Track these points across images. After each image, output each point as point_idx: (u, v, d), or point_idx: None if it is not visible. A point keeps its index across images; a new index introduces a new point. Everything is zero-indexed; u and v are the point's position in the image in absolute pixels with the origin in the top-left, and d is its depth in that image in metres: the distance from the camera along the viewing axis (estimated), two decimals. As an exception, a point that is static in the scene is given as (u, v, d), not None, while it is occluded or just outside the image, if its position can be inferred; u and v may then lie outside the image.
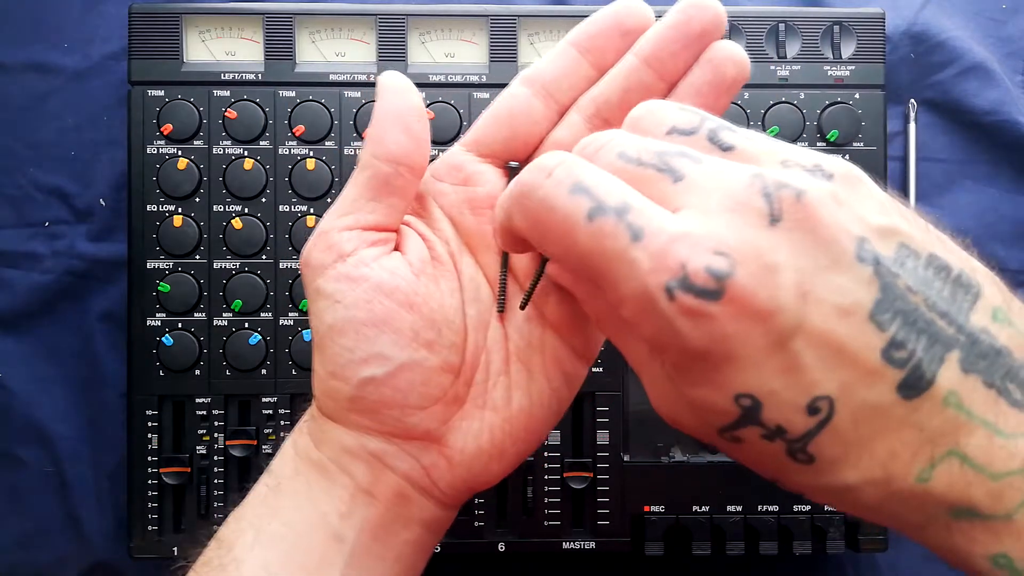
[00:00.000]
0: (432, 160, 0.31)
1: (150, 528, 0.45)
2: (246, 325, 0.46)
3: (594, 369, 0.45)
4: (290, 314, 0.46)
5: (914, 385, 0.21)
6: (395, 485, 0.29)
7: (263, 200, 0.46)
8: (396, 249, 0.29)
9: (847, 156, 0.47)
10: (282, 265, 0.46)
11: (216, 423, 0.46)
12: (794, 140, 0.47)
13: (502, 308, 0.30)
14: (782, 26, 0.47)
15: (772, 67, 0.47)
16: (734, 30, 0.47)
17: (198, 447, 0.46)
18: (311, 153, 0.46)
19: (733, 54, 0.28)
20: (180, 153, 0.46)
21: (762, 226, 0.21)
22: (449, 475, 0.29)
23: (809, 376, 0.21)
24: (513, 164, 0.30)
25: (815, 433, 0.21)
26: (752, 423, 0.21)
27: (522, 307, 0.30)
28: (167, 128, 0.46)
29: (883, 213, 0.22)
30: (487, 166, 0.30)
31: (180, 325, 0.46)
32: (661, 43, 0.28)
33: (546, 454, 0.46)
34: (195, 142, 0.46)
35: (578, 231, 0.22)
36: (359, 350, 0.27)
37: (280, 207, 0.46)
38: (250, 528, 0.28)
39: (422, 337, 0.28)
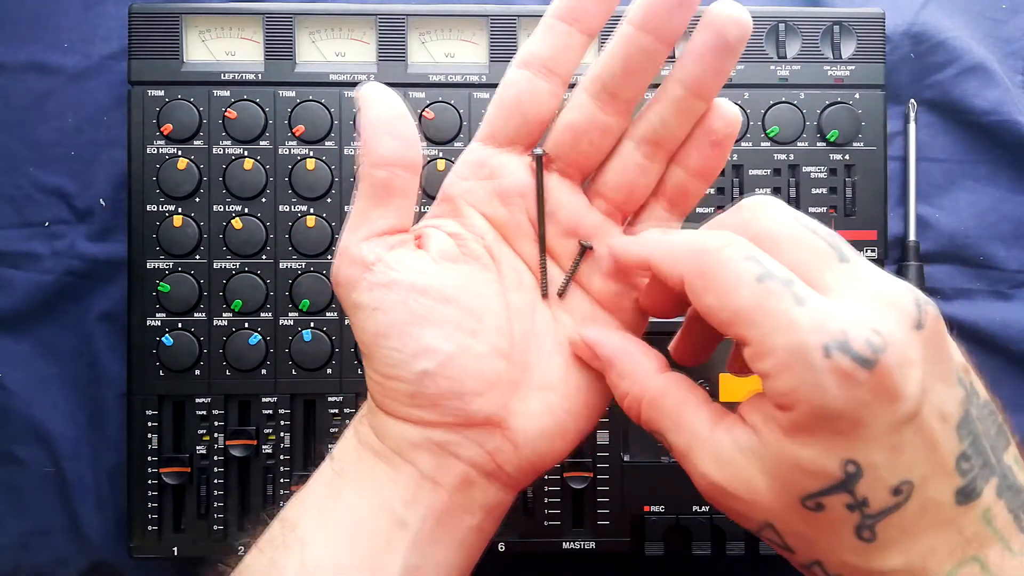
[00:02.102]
0: (432, 160, 0.31)
1: (150, 528, 0.45)
2: (246, 325, 0.46)
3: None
4: (290, 314, 0.46)
5: (968, 494, 0.24)
6: (460, 472, 0.29)
7: (263, 200, 0.46)
8: (419, 247, 0.30)
9: (847, 156, 0.47)
10: (282, 265, 0.46)
11: (216, 423, 0.46)
12: (794, 140, 0.47)
13: (546, 292, 0.31)
14: (782, 26, 0.47)
15: (772, 67, 0.47)
16: (734, 30, 0.47)
17: (198, 447, 0.46)
18: (311, 153, 0.46)
19: (733, 14, 0.29)
20: (180, 153, 0.46)
21: (909, 327, 0.24)
22: (516, 457, 0.30)
23: (906, 460, 0.24)
24: (538, 151, 0.30)
25: (889, 512, 0.24)
26: (845, 490, 0.24)
27: (560, 294, 0.31)
28: (167, 128, 0.46)
29: (961, 354, 0.26)
30: (508, 156, 0.31)
31: (180, 325, 0.46)
32: (652, 6, 0.28)
33: (546, 454, 0.46)
34: (195, 142, 0.46)
35: (743, 287, 0.24)
36: (407, 348, 0.28)
37: (280, 207, 0.46)
38: (314, 509, 0.29)
39: (464, 327, 0.29)
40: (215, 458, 0.46)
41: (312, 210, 0.46)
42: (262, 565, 0.28)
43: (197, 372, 0.46)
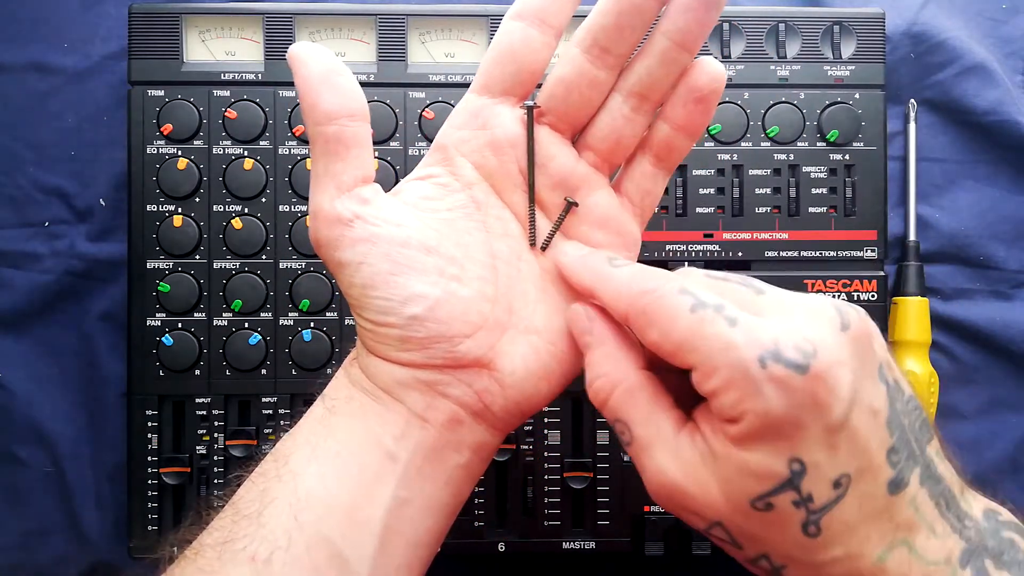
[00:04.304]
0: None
1: (150, 528, 0.45)
2: (246, 325, 0.46)
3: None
4: (290, 314, 0.46)
5: (898, 484, 0.26)
6: (449, 411, 0.30)
7: (263, 200, 0.46)
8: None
9: (847, 156, 0.47)
10: (282, 265, 0.46)
11: (216, 423, 0.46)
12: (794, 140, 0.47)
13: (534, 242, 0.32)
14: (782, 26, 0.47)
15: (772, 67, 0.47)
16: (734, 30, 0.47)
17: (198, 447, 0.46)
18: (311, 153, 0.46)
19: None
20: (180, 153, 0.46)
21: (834, 331, 0.25)
22: (502, 399, 0.31)
23: (843, 456, 0.25)
24: (529, 103, 0.31)
25: (831, 506, 0.25)
26: (791, 487, 0.25)
27: (543, 248, 0.32)
28: (167, 128, 0.46)
29: (887, 352, 0.27)
30: (501, 107, 0.31)
31: (180, 325, 0.46)
32: None
33: (546, 454, 0.46)
34: (195, 142, 0.46)
35: (680, 319, 0.26)
36: (395, 295, 0.29)
37: (280, 207, 0.46)
38: (306, 444, 0.30)
39: (448, 273, 0.30)
40: (215, 458, 0.46)
41: (312, 210, 0.46)
42: (254, 495, 0.29)
43: (197, 372, 0.46)
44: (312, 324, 0.46)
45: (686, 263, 0.47)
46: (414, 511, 0.30)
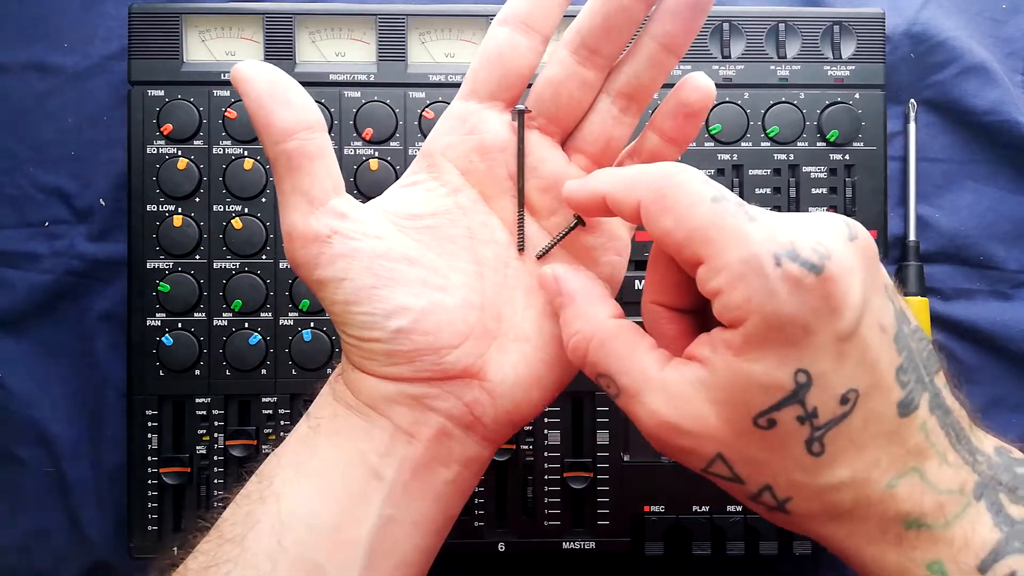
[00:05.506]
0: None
1: (150, 528, 0.45)
2: (246, 325, 0.46)
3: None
4: (290, 314, 0.46)
5: (907, 406, 0.25)
6: (437, 425, 0.30)
7: (263, 200, 0.46)
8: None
9: (847, 156, 0.47)
10: (282, 265, 0.46)
11: (216, 423, 0.46)
12: (794, 140, 0.47)
13: (522, 247, 0.32)
14: (782, 26, 0.47)
15: (772, 67, 0.47)
16: (734, 30, 0.47)
17: (198, 447, 0.46)
18: (311, 153, 0.46)
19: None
20: (180, 153, 0.46)
21: (845, 240, 0.25)
22: (493, 409, 0.30)
23: (850, 369, 0.24)
24: (519, 107, 0.31)
25: (836, 423, 0.24)
26: (796, 401, 0.24)
27: (539, 256, 0.32)
28: (167, 128, 0.46)
29: (890, 279, 0.27)
30: (489, 112, 0.31)
31: (180, 325, 0.46)
32: None
33: (546, 454, 0.46)
34: (195, 142, 0.46)
35: (701, 207, 0.25)
36: (379, 309, 0.29)
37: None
38: (290, 464, 0.30)
39: (432, 283, 0.30)
40: (215, 458, 0.46)
41: (312, 210, 0.46)
42: (238, 517, 0.29)
43: (197, 372, 0.46)
44: (312, 324, 0.46)
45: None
46: (401, 530, 0.29)
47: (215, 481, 0.46)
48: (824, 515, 0.26)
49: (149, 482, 0.45)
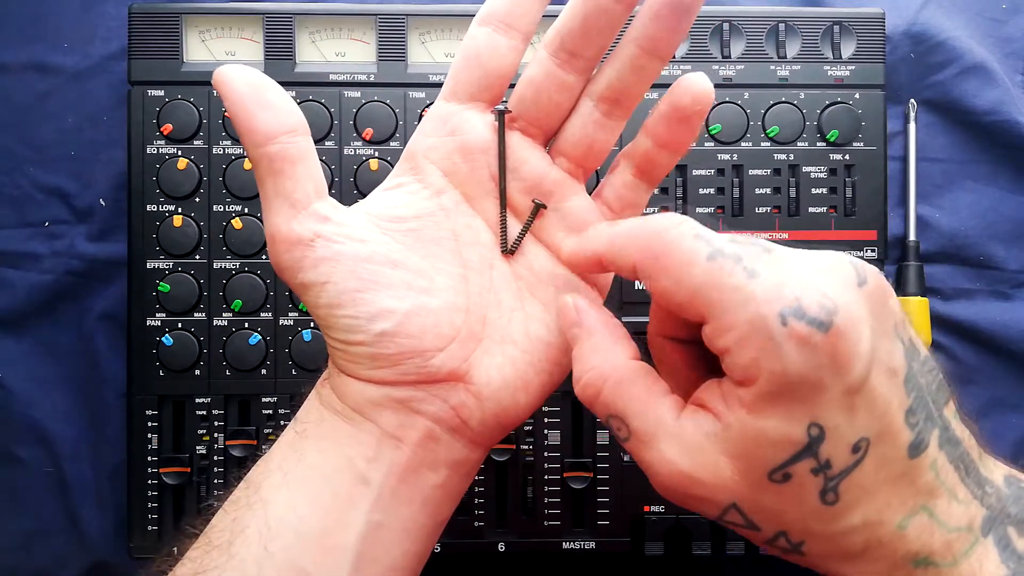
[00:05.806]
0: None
1: (150, 528, 0.45)
2: (246, 325, 0.46)
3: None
4: (290, 314, 0.46)
5: (917, 447, 0.25)
6: (423, 428, 0.29)
7: (263, 200, 0.46)
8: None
9: (847, 156, 0.47)
10: (282, 265, 0.46)
11: (216, 423, 0.46)
12: (794, 140, 0.47)
13: (505, 248, 0.31)
14: (782, 26, 0.47)
15: (772, 67, 0.47)
16: (734, 30, 0.47)
17: (198, 447, 0.46)
18: (311, 153, 0.46)
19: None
20: (180, 153, 0.46)
21: (852, 287, 0.24)
22: (479, 412, 0.30)
23: (861, 418, 0.24)
24: (500, 107, 0.31)
25: (849, 471, 0.24)
26: (810, 455, 0.24)
27: (510, 252, 0.31)
28: (167, 128, 0.46)
29: (902, 311, 0.26)
30: (471, 112, 0.31)
31: (180, 325, 0.46)
32: None
33: (546, 454, 0.46)
34: (195, 142, 0.46)
35: (696, 267, 0.25)
36: (363, 312, 0.28)
37: (280, 207, 0.46)
38: (277, 470, 0.29)
39: (416, 285, 0.29)
40: (215, 458, 0.46)
41: (312, 210, 0.46)
42: (225, 524, 0.29)
43: (197, 372, 0.46)
44: (312, 324, 0.46)
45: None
46: (390, 535, 0.29)
47: (215, 481, 0.46)
48: (838, 556, 0.26)
49: (149, 482, 0.45)
